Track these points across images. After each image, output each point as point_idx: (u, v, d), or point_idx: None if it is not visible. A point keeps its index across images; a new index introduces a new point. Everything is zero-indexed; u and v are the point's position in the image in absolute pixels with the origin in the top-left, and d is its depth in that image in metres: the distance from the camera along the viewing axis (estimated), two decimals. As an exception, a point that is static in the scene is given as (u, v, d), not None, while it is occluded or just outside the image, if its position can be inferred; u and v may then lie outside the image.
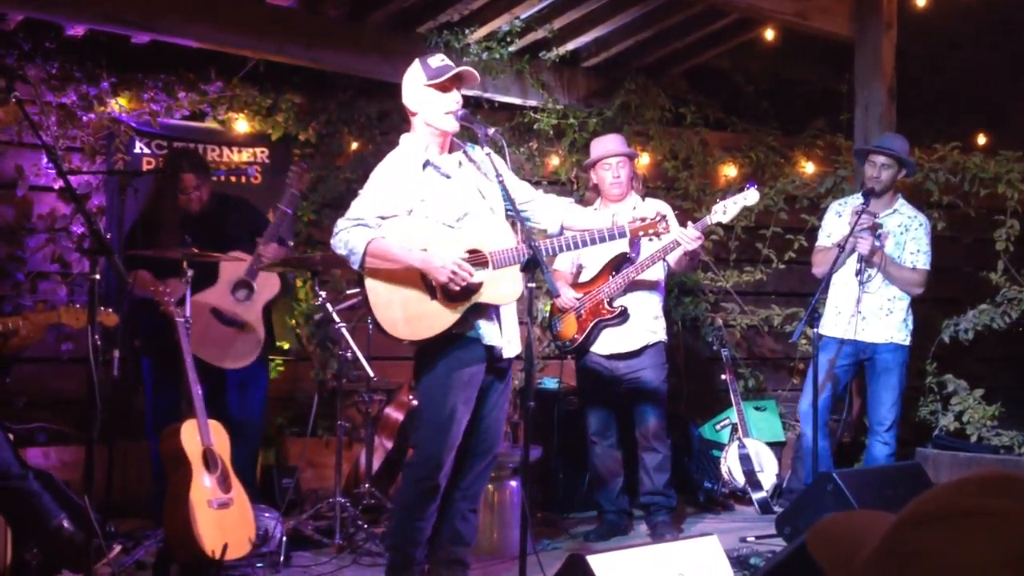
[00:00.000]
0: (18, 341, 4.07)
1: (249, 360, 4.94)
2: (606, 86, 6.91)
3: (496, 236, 3.74)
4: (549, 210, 3.97)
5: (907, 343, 5.24)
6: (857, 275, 5.08)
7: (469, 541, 3.92)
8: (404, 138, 3.86)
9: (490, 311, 3.75)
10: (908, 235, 5.22)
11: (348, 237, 3.63)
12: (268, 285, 5.00)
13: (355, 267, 3.67)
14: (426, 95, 3.74)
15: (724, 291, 6.95)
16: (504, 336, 3.81)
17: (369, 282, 3.68)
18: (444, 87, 3.71)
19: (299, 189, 5.14)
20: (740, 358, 7.01)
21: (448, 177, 3.79)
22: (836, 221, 5.36)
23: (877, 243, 5.10)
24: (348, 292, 5.41)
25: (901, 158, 5.16)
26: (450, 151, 3.85)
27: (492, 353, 3.78)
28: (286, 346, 6.12)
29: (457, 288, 3.60)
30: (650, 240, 4.11)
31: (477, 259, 3.67)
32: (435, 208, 3.71)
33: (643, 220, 3.81)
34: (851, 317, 5.17)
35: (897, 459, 5.37)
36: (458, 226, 3.72)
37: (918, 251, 5.21)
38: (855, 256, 5.08)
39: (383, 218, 3.68)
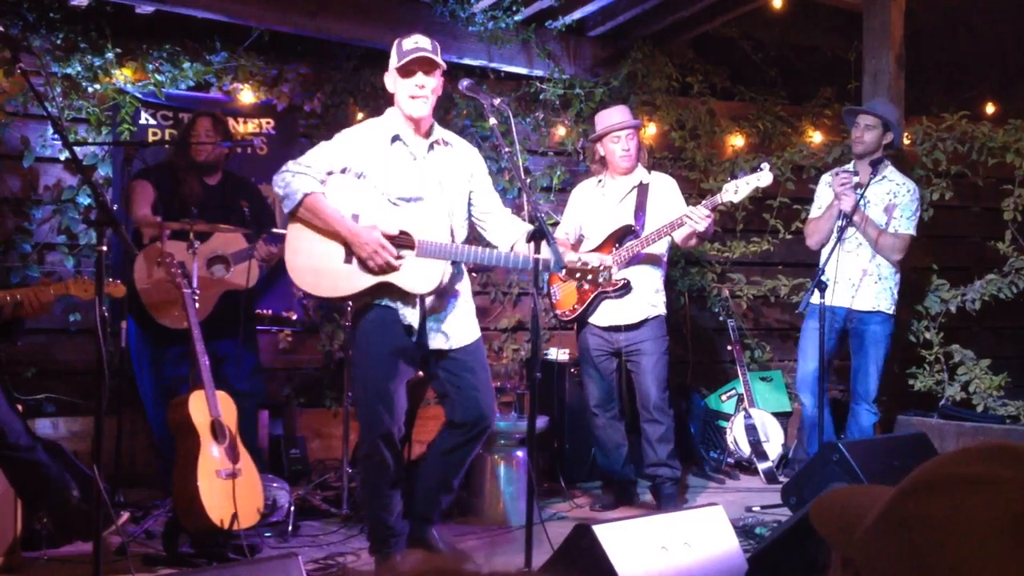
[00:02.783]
0: (28, 309, 4.07)
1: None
2: (612, 55, 6.86)
3: (434, 227, 3.70)
4: (503, 231, 3.93)
5: (893, 313, 5.35)
6: (838, 233, 5.15)
7: (442, 505, 3.96)
8: (389, 110, 3.90)
9: (410, 296, 3.72)
10: (897, 200, 5.27)
11: (291, 180, 3.67)
12: (242, 276, 4.76)
13: (286, 211, 3.71)
14: (394, 78, 3.77)
15: (731, 262, 6.94)
16: (434, 325, 3.76)
17: (295, 226, 3.72)
18: (407, 72, 3.71)
19: None
20: (746, 329, 7.02)
21: (414, 158, 3.79)
22: (827, 192, 5.42)
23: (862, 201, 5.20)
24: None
25: (885, 119, 5.27)
26: (427, 135, 3.84)
27: (417, 338, 3.73)
28: (292, 317, 6.12)
29: (374, 267, 3.62)
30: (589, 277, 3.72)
31: (404, 241, 3.67)
32: (386, 180, 3.72)
33: (584, 264, 3.62)
34: (845, 284, 5.26)
35: (879, 426, 5.53)
36: (402, 205, 3.71)
37: (902, 216, 5.28)
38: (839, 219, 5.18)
39: (331, 173, 3.71)
